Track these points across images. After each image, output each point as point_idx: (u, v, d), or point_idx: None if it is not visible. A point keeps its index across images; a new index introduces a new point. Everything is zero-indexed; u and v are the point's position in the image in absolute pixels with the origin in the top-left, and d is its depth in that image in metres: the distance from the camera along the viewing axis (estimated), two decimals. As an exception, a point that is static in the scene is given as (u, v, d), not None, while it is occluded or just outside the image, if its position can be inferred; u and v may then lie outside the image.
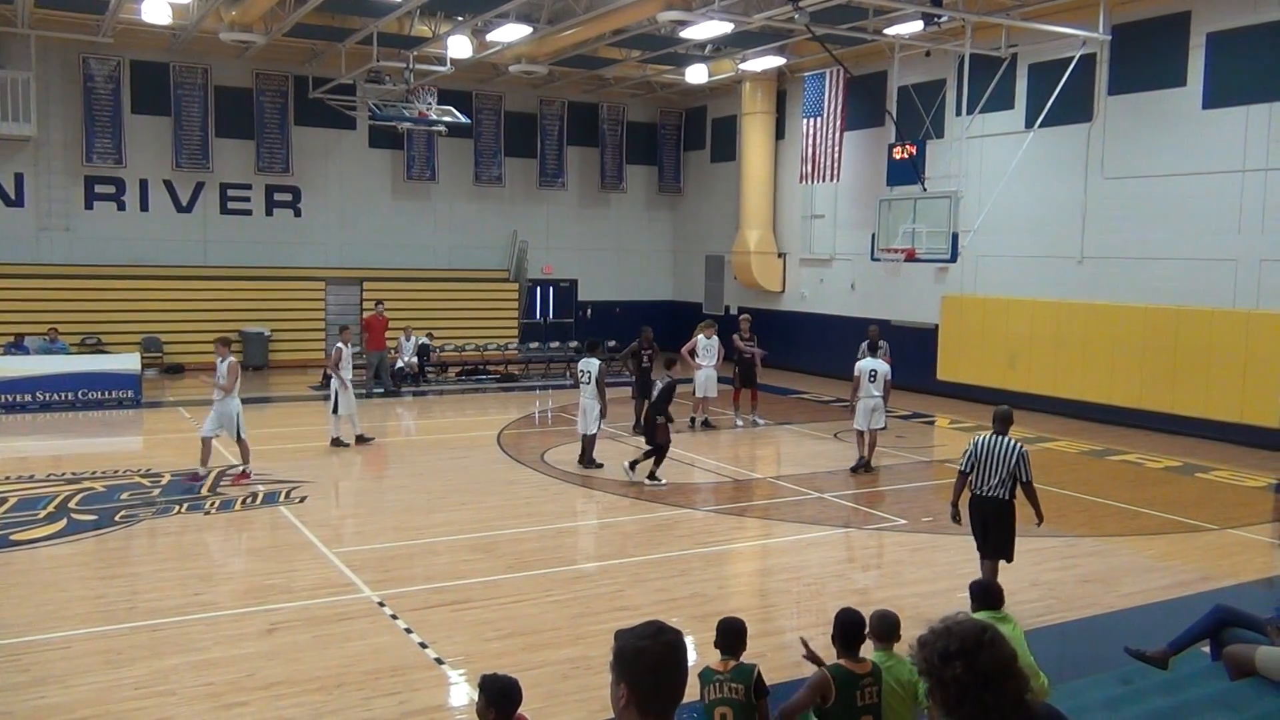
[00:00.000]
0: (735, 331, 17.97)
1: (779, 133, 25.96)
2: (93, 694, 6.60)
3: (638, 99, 29.14)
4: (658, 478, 13.12)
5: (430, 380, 22.97)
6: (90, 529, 10.55)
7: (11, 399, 17.99)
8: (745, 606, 8.99)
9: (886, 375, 14.16)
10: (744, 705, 4.99)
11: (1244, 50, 16.35)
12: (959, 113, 19.32)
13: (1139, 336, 17.60)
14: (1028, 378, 19.20)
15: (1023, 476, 8.16)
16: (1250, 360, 16.06)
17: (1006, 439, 8.29)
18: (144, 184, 23.93)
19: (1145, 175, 17.77)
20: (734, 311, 27.33)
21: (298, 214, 25.63)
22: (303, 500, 11.98)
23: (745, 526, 11.63)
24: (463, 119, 22.89)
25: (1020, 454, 8.19)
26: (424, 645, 7.54)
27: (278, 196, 25.38)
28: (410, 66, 20.79)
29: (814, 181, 23.44)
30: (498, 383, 23.38)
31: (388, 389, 20.88)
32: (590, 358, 14.20)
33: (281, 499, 11.97)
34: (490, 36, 20.60)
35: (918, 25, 18.21)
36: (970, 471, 8.41)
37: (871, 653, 5.51)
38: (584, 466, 13.95)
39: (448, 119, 22.15)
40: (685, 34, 19.79)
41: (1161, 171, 17.52)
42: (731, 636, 5.30)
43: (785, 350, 23.63)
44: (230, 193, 24.84)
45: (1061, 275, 19.18)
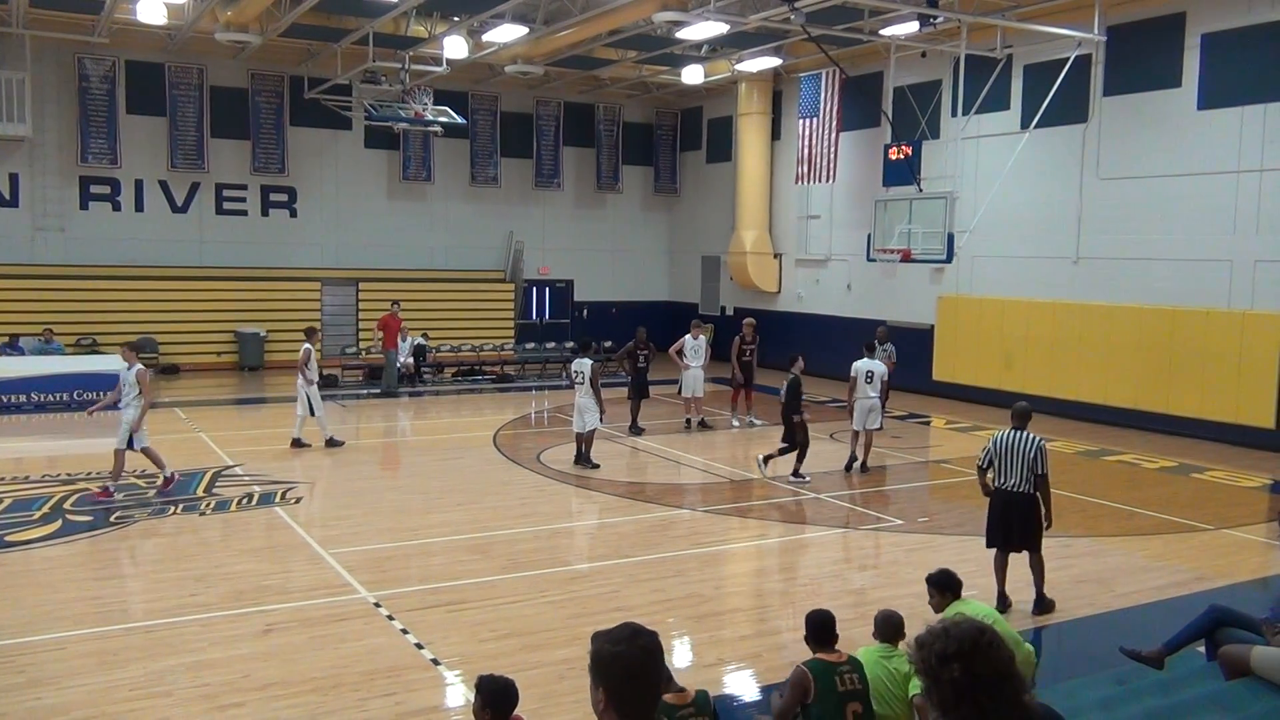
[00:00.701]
0: (738, 335, 17.89)
1: (775, 133, 25.98)
2: (88, 695, 6.59)
3: (634, 99, 29.13)
4: (802, 475, 13.24)
5: (426, 381, 22.98)
6: (85, 530, 10.54)
7: (6, 399, 17.96)
8: (741, 607, 9.03)
9: (883, 376, 14.17)
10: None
11: (1239, 51, 16.39)
12: (954, 113, 19.37)
13: (1134, 337, 17.64)
14: (1023, 378, 19.21)
15: (1039, 469, 8.19)
16: (1245, 361, 16.10)
17: (1026, 434, 8.31)
18: (139, 184, 23.89)
19: (1140, 176, 17.80)
20: (730, 312, 27.39)
21: (293, 214, 25.59)
22: (298, 501, 11.99)
23: (741, 527, 11.63)
24: (458, 119, 22.85)
25: (1039, 448, 8.23)
26: (420, 646, 7.54)
27: (273, 197, 25.33)
28: (406, 67, 20.76)
29: (810, 182, 23.45)
30: (494, 383, 23.37)
31: (385, 389, 20.86)
32: (583, 358, 14.22)
33: (277, 500, 11.96)
34: (486, 37, 20.59)
35: (913, 26, 18.21)
36: (988, 468, 8.45)
37: (872, 650, 5.66)
38: (580, 467, 13.95)
39: (443, 119, 22.11)
40: (681, 35, 19.79)
41: (1156, 172, 17.54)
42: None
43: (781, 351, 23.55)
44: (226, 193, 24.79)
45: (1057, 276, 19.20)
